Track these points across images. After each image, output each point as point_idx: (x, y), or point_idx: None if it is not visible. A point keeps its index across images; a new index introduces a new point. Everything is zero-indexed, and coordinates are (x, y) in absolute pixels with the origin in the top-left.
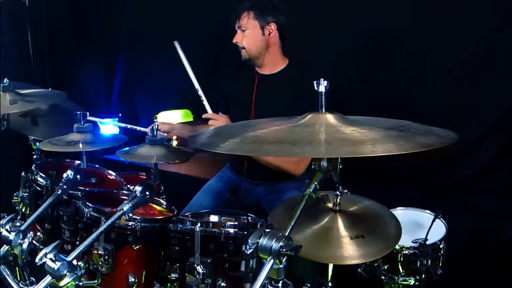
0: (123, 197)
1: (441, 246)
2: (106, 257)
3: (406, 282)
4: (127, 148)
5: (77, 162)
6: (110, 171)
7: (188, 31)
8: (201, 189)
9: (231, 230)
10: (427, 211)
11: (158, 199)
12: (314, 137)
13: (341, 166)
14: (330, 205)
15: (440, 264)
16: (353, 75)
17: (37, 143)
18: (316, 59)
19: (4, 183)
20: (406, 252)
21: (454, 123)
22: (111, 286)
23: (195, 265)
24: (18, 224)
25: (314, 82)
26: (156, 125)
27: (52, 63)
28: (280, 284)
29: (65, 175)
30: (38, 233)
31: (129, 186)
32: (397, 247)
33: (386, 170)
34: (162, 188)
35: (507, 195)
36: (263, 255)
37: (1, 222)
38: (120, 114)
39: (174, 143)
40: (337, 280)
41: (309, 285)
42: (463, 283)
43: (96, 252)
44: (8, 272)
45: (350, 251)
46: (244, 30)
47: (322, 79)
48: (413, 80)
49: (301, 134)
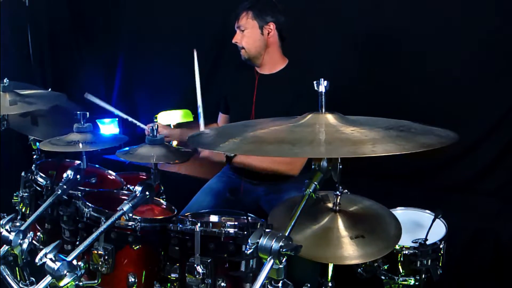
0: (123, 197)
1: (441, 246)
2: (106, 257)
3: (406, 282)
4: (127, 148)
5: (77, 162)
6: (110, 171)
7: (188, 31)
8: (201, 189)
9: (231, 230)
10: (427, 211)
11: (158, 199)
12: (314, 137)
13: (341, 166)
14: (330, 205)
15: (440, 264)
16: (353, 75)
17: (37, 143)
18: (316, 59)
19: (4, 183)
20: (406, 252)
21: (454, 123)
22: (111, 286)
23: (195, 265)
24: (18, 224)
25: (314, 82)
26: (156, 125)
27: (52, 63)
28: (280, 284)
29: (65, 175)
30: (38, 233)
31: (129, 186)
32: (397, 247)
33: (386, 170)
34: (162, 188)
35: (507, 195)
36: (263, 255)
37: (1, 222)
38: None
39: (174, 143)
40: (337, 280)
41: (309, 285)
42: (463, 283)
43: (96, 252)
44: (8, 272)
45: (350, 251)
46: (243, 30)
47: (322, 79)
48: (413, 80)
49: (301, 134)
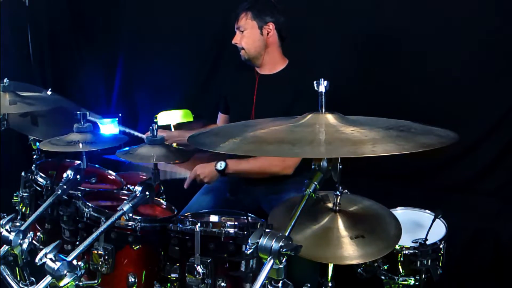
0: (123, 197)
1: (441, 246)
2: (106, 257)
3: (406, 282)
4: (127, 148)
5: (77, 162)
6: (110, 171)
7: (188, 31)
8: (201, 189)
9: (231, 230)
10: (427, 211)
11: (158, 199)
12: (314, 137)
13: (341, 166)
14: (330, 205)
15: (440, 264)
16: (353, 75)
17: (37, 143)
18: (316, 59)
19: (4, 183)
20: (406, 252)
21: (454, 123)
22: (111, 286)
23: (195, 265)
24: (18, 224)
25: (314, 82)
26: (156, 125)
27: (52, 63)
28: (280, 284)
29: (65, 175)
30: (38, 233)
31: (129, 186)
32: (397, 247)
33: (386, 170)
34: (162, 188)
35: (507, 195)
36: (263, 255)
37: (1, 222)
38: (120, 114)
39: (174, 144)
40: (337, 280)
41: (309, 285)
42: (463, 283)
43: (96, 252)
44: (8, 272)
45: (350, 251)
46: (242, 31)
47: (322, 79)
48: (413, 80)
49: (301, 134)
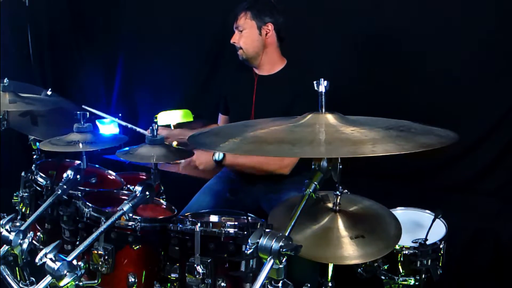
0: (123, 197)
1: (441, 246)
2: (106, 257)
3: (406, 282)
4: (127, 148)
5: (77, 162)
6: (110, 171)
7: (188, 31)
8: (201, 189)
9: (231, 230)
10: (427, 211)
11: (158, 199)
12: (314, 137)
13: (341, 166)
14: (330, 205)
15: (440, 264)
16: (353, 75)
17: (37, 143)
18: (316, 59)
19: (4, 183)
20: (406, 252)
21: (454, 123)
22: (111, 286)
23: (195, 265)
24: (18, 224)
25: (314, 82)
26: (156, 125)
27: (52, 63)
28: (280, 284)
29: (65, 175)
30: (38, 233)
31: (129, 186)
32: (397, 247)
33: (386, 170)
34: (162, 188)
35: (507, 195)
36: (263, 255)
37: (1, 222)
38: (120, 114)
39: (174, 143)
40: (337, 280)
41: (309, 285)
42: (463, 283)
43: (96, 252)
44: (8, 272)
45: (350, 251)
46: (241, 31)
47: (322, 79)
48: (413, 80)
49: (301, 134)
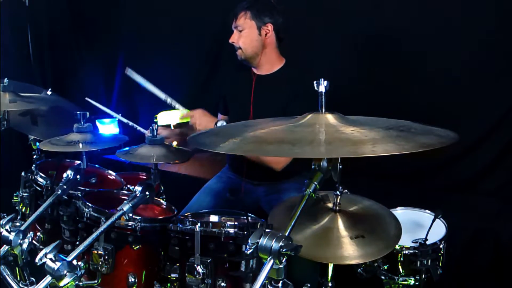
0: (123, 197)
1: (441, 246)
2: (106, 257)
3: (406, 282)
4: (127, 148)
5: (77, 162)
6: (110, 171)
7: (188, 31)
8: (201, 189)
9: (231, 230)
10: (427, 211)
11: (158, 199)
12: (314, 137)
13: (341, 166)
14: (330, 205)
15: (440, 264)
16: (353, 75)
17: (37, 143)
18: (315, 59)
19: (4, 183)
20: (406, 252)
21: (454, 123)
22: (111, 286)
23: (195, 265)
24: (18, 224)
25: (314, 82)
26: (156, 125)
27: (52, 63)
28: (280, 284)
29: (65, 175)
30: (38, 233)
31: (129, 186)
32: (397, 247)
33: (386, 170)
34: (162, 188)
35: (507, 195)
36: (263, 255)
37: (1, 222)
38: (120, 114)
39: (174, 143)
40: (337, 280)
41: (309, 285)
42: (463, 283)
43: (96, 252)
44: (8, 272)
45: (350, 251)
46: (241, 30)
47: (322, 79)
48: (413, 80)
49: (301, 134)
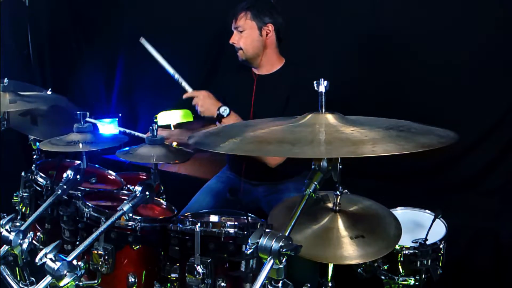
0: (123, 197)
1: (441, 246)
2: (106, 257)
3: (406, 282)
4: (127, 148)
5: (77, 162)
6: (110, 171)
7: (188, 31)
8: (201, 189)
9: (231, 230)
10: (427, 211)
11: (158, 199)
12: (314, 137)
13: (341, 166)
14: (330, 205)
15: (440, 264)
16: (353, 75)
17: (37, 143)
18: (316, 59)
19: (4, 183)
20: (406, 252)
21: (454, 123)
22: (111, 286)
23: (195, 265)
24: (18, 224)
25: (314, 82)
26: (156, 125)
27: (52, 63)
28: (280, 284)
29: (65, 175)
30: (38, 233)
31: (129, 186)
32: (397, 247)
33: (386, 170)
34: (162, 188)
35: (507, 195)
36: (263, 255)
37: (1, 222)
38: (120, 114)
39: (174, 144)
40: (337, 280)
41: (309, 285)
42: (463, 283)
43: (96, 252)
44: (8, 272)
45: (350, 251)
46: (241, 31)
47: (322, 79)
48: (413, 80)
49: (301, 134)
